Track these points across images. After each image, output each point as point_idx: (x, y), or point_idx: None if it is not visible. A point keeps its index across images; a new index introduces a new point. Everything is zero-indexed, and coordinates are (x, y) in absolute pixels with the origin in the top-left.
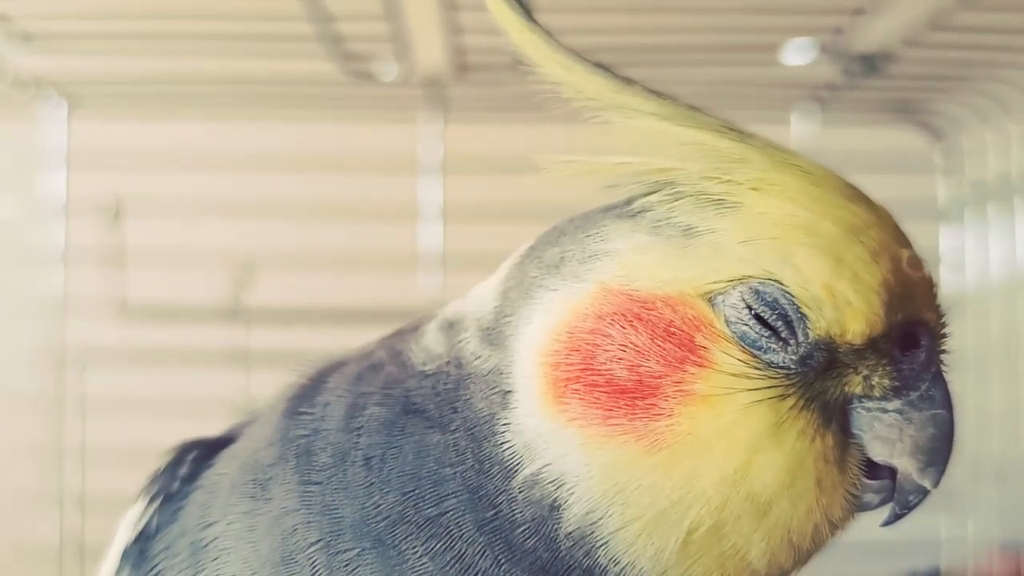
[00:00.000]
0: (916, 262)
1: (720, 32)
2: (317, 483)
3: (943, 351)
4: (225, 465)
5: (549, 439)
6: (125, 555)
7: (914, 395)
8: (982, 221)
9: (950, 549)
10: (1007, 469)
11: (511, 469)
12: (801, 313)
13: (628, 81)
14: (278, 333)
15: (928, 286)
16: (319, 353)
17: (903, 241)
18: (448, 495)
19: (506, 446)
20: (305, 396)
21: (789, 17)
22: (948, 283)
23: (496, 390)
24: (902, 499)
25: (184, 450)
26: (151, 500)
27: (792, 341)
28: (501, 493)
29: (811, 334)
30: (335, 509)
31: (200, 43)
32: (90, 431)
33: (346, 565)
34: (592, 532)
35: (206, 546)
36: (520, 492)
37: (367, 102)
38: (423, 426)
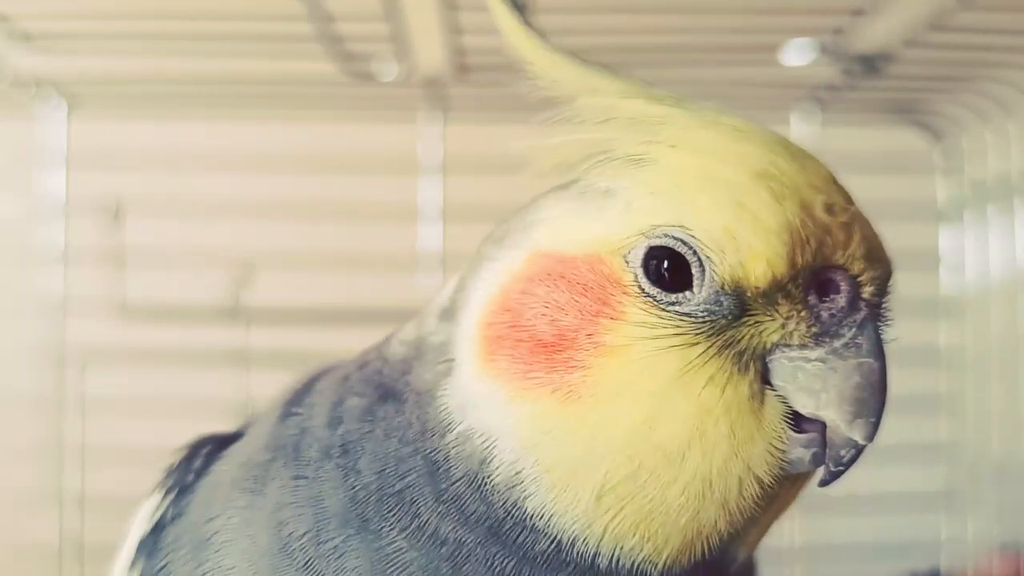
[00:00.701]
0: (838, 209)
1: (720, 32)
2: (305, 477)
3: (878, 300)
4: (227, 462)
5: (478, 397)
6: (141, 546)
7: (838, 343)
8: (982, 221)
9: (950, 549)
10: (1007, 469)
11: (446, 429)
12: (704, 258)
13: (588, 63)
14: (278, 333)
15: (852, 232)
16: (319, 353)
17: (827, 189)
18: (409, 471)
19: (442, 409)
20: (296, 399)
21: (789, 17)
22: (948, 283)
23: (443, 360)
24: (833, 455)
25: (199, 444)
26: (166, 492)
27: (697, 288)
28: (440, 453)
29: (714, 279)
30: (321, 500)
31: (200, 43)
32: (90, 431)
33: (333, 551)
34: (517, 484)
35: (209, 539)
36: (453, 449)
37: (367, 102)
38: (393, 409)
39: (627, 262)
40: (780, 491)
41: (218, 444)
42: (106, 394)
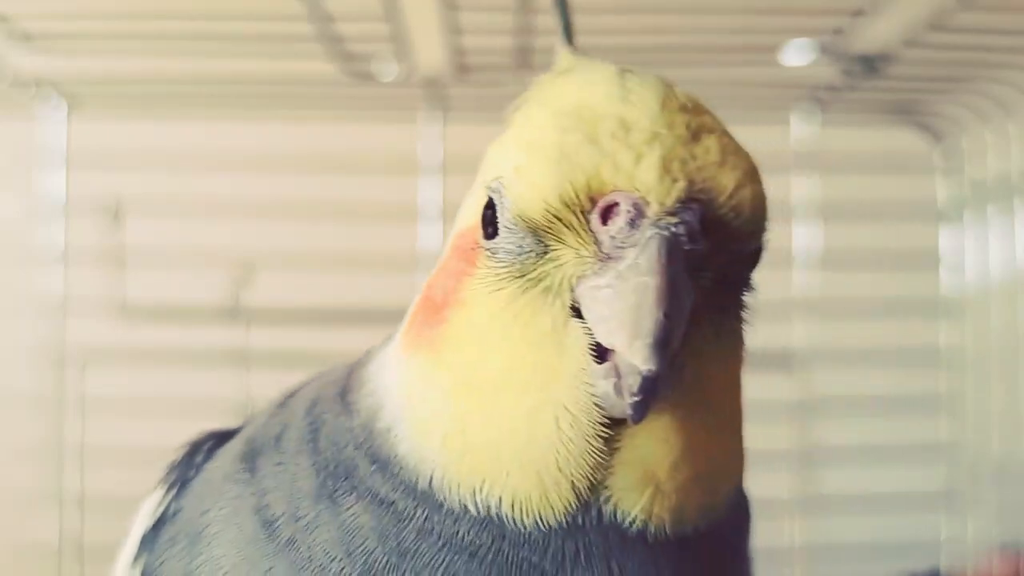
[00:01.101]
0: (636, 132)
1: (720, 33)
2: (283, 463)
3: (679, 220)
4: (220, 458)
5: (387, 367)
6: (143, 541)
7: (622, 266)
8: (982, 222)
9: (950, 550)
10: (1007, 470)
11: (367, 397)
12: (501, 201)
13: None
14: (278, 333)
15: (644, 154)
16: (319, 353)
17: (642, 116)
18: (347, 443)
19: (368, 380)
20: (285, 398)
21: (789, 18)
22: (948, 284)
23: (390, 344)
24: (625, 385)
25: (201, 440)
26: (169, 488)
27: (502, 231)
28: (361, 418)
29: (508, 218)
30: (296, 481)
31: (200, 43)
32: (90, 431)
33: (307, 526)
34: (398, 438)
35: (201, 532)
36: (366, 414)
37: (367, 102)
38: (352, 393)
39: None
40: (628, 433)
41: (220, 440)
42: (106, 394)
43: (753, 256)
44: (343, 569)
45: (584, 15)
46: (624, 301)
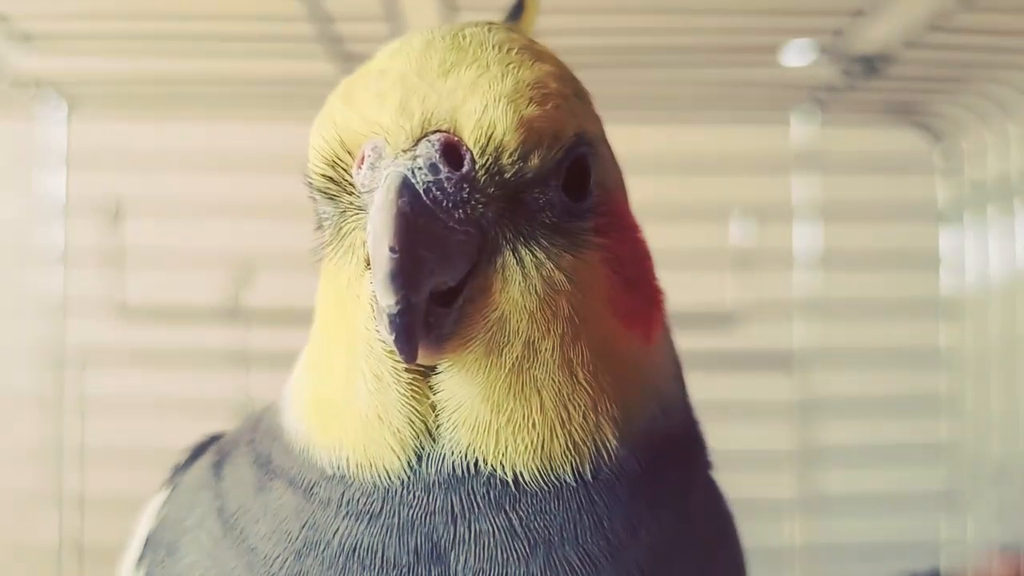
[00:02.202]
0: (387, 83)
1: (720, 33)
2: (237, 463)
3: (409, 157)
4: (198, 466)
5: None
6: (147, 542)
7: (370, 210)
8: (981, 222)
9: (950, 550)
10: (1007, 470)
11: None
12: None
13: None
14: (278, 333)
15: (386, 100)
16: None
17: (389, 70)
18: (272, 436)
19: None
20: (262, 408)
21: (789, 18)
22: (948, 284)
23: None
24: (380, 325)
25: (204, 443)
26: (171, 491)
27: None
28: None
29: (311, 184)
30: (243, 477)
31: (200, 44)
32: (89, 431)
33: (252, 519)
34: (286, 423)
35: (178, 541)
36: (281, 405)
37: None
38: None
39: None
40: (441, 377)
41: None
42: (105, 394)
43: (552, 175)
44: (278, 555)
45: (585, 16)
46: (368, 243)
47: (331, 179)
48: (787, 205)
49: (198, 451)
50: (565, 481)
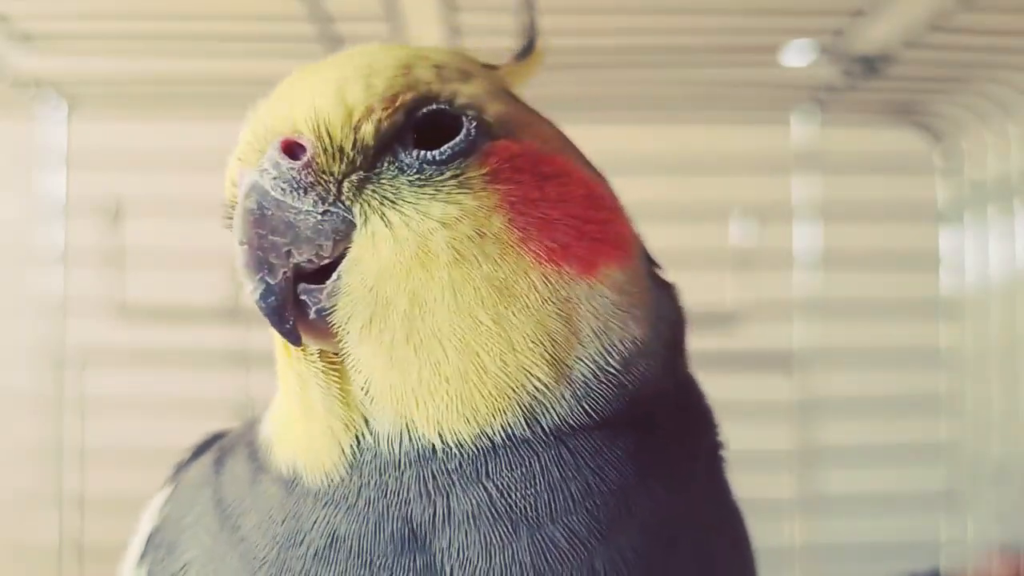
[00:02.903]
0: (273, 103)
1: (720, 33)
2: (234, 459)
3: (254, 168)
4: (200, 464)
5: None
6: (149, 540)
7: None
8: (981, 222)
9: (950, 550)
10: (1006, 470)
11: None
12: None
13: None
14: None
15: (253, 124)
16: None
17: (307, 89)
18: (263, 432)
19: None
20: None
21: (789, 19)
22: (948, 284)
23: None
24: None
25: (206, 442)
26: (174, 488)
27: None
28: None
29: None
30: (238, 474)
31: (200, 44)
32: (89, 431)
33: (244, 512)
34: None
35: (178, 540)
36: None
37: None
38: None
39: None
40: (346, 360)
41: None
42: (105, 394)
43: (399, 137)
44: (266, 544)
45: (586, 16)
46: None
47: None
48: (787, 205)
49: (201, 449)
50: (515, 437)
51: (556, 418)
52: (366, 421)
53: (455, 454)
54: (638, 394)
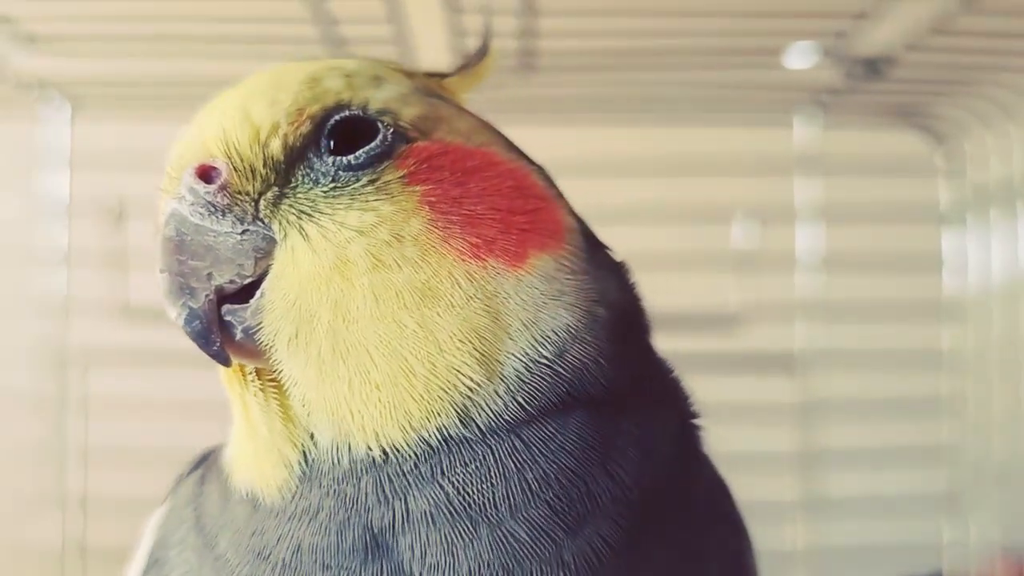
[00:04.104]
0: (191, 135)
1: (723, 36)
2: (211, 479)
3: (174, 196)
4: (187, 482)
5: None
6: (150, 557)
7: None
8: (984, 225)
9: (952, 553)
10: (1009, 472)
11: None
12: None
13: None
14: None
15: (179, 150)
16: None
17: (219, 116)
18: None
19: None
20: None
21: (791, 21)
22: (950, 286)
23: None
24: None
25: (205, 455)
26: (170, 508)
27: None
28: None
29: None
30: (213, 492)
31: (204, 45)
32: (92, 432)
33: (220, 529)
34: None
35: (166, 559)
36: None
37: None
38: None
39: None
40: (282, 378)
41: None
42: (108, 395)
43: (309, 148)
44: (239, 562)
45: (589, 18)
46: None
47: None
48: (790, 207)
49: (198, 464)
50: (455, 436)
51: (491, 414)
52: (311, 435)
53: (407, 456)
54: (580, 380)
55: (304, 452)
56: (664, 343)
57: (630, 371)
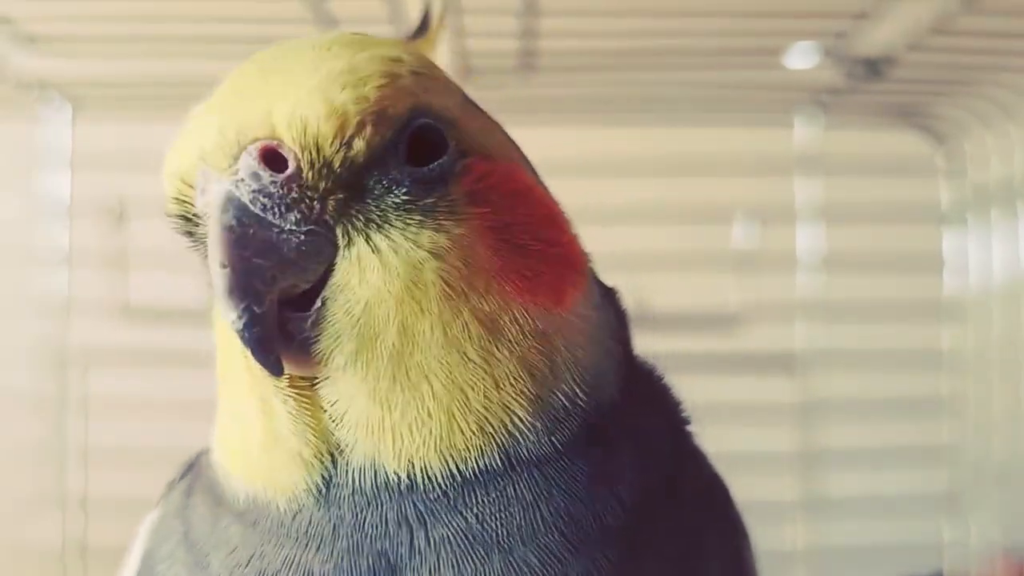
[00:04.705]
0: (213, 110)
1: (723, 36)
2: (197, 493)
3: (229, 174)
4: (175, 492)
5: None
6: (142, 564)
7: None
8: (984, 225)
9: (952, 553)
10: (1010, 472)
11: None
12: None
13: None
14: None
15: (208, 129)
16: None
17: (214, 98)
18: (215, 467)
19: None
20: None
21: (792, 21)
22: (950, 287)
23: None
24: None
25: (194, 461)
26: (161, 515)
27: None
28: None
29: None
30: (200, 509)
31: (204, 46)
32: (92, 432)
33: (213, 548)
34: (216, 458)
35: (159, 564)
36: None
37: None
38: None
39: None
40: (321, 387)
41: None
42: (109, 395)
43: (389, 154)
44: None
45: (589, 18)
46: (209, 267)
47: (181, 216)
48: (790, 207)
49: (188, 468)
50: (494, 466)
51: (526, 451)
52: (332, 453)
53: (433, 487)
54: (600, 416)
55: (326, 469)
56: (664, 343)
57: (633, 393)
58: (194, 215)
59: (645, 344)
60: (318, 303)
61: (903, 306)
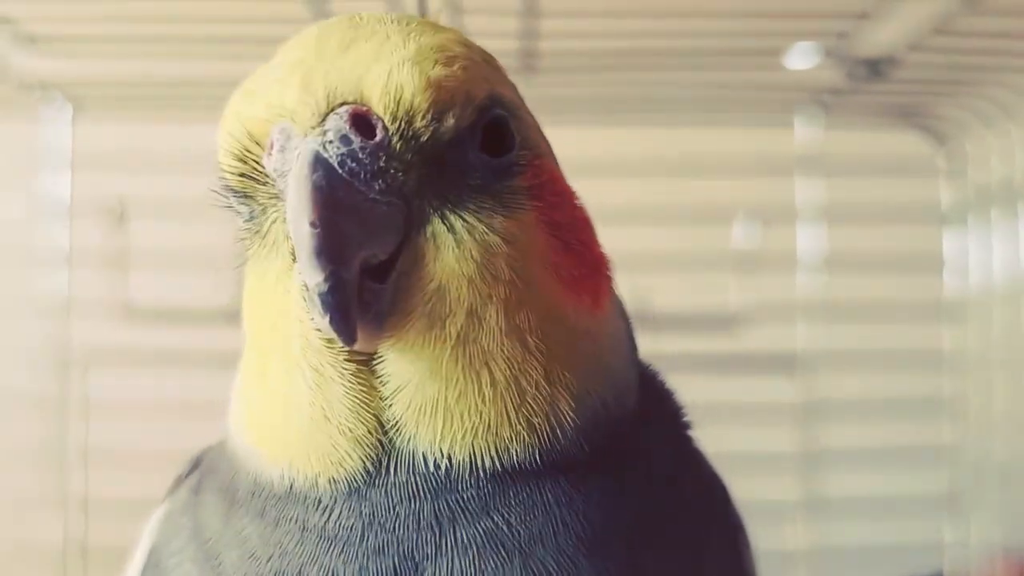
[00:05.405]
0: (286, 70)
1: (724, 36)
2: (207, 489)
3: (317, 132)
4: (183, 488)
5: None
6: (148, 559)
7: (288, 190)
8: (985, 225)
9: (953, 553)
10: (1010, 473)
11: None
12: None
13: None
14: None
15: (288, 86)
16: None
17: (289, 56)
18: (228, 459)
19: None
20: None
21: (793, 21)
22: (951, 287)
23: None
24: (315, 308)
25: (202, 456)
26: (168, 510)
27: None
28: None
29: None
30: (212, 504)
31: (205, 46)
32: (93, 433)
33: (226, 546)
34: (235, 446)
35: (169, 559)
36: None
37: None
38: None
39: None
40: (386, 362)
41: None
42: (110, 396)
43: (468, 136)
44: None
45: (591, 18)
46: (288, 225)
47: (244, 174)
48: (791, 207)
49: (197, 463)
50: (528, 465)
51: (559, 451)
52: (379, 434)
53: (468, 483)
54: (622, 424)
55: (374, 449)
56: (665, 343)
57: (646, 402)
58: (258, 173)
59: (645, 344)
60: (393, 275)
61: (904, 306)
